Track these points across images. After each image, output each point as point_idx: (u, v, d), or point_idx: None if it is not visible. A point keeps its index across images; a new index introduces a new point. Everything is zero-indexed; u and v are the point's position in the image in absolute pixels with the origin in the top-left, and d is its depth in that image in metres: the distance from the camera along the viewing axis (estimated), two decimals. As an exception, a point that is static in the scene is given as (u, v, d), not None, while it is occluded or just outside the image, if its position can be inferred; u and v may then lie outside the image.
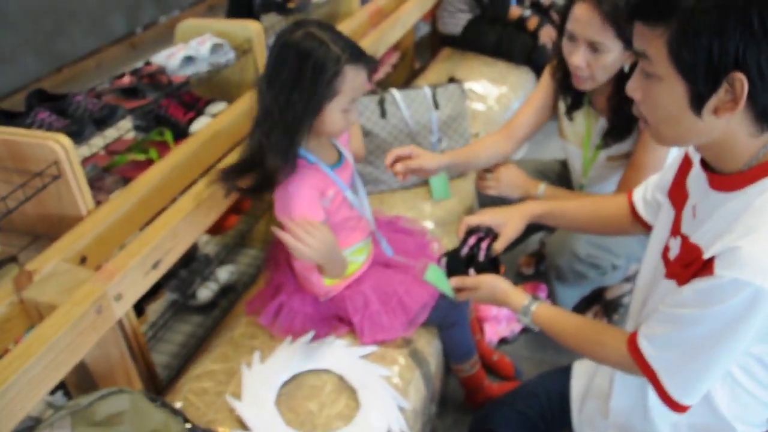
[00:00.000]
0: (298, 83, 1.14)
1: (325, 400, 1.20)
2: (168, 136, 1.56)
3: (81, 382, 1.16)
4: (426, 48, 3.27)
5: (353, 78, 1.17)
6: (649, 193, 1.15)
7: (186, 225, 1.23)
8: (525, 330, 1.85)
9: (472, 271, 1.20)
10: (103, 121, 1.30)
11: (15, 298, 1.03)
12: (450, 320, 1.43)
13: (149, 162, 1.52)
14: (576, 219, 1.31)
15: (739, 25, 0.71)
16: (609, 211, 1.26)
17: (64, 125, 1.26)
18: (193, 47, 1.60)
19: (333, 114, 1.19)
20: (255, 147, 1.22)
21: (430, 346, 1.40)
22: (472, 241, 1.23)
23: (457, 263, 1.22)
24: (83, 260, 1.16)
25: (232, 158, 1.45)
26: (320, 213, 1.23)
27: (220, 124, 1.51)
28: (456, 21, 2.78)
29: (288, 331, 1.33)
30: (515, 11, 2.71)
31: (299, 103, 1.15)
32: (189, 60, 1.59)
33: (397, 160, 1.50)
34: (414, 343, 1.37)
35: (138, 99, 1.41)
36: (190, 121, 1.65)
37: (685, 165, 1.00)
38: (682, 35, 0.74)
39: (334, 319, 1.37)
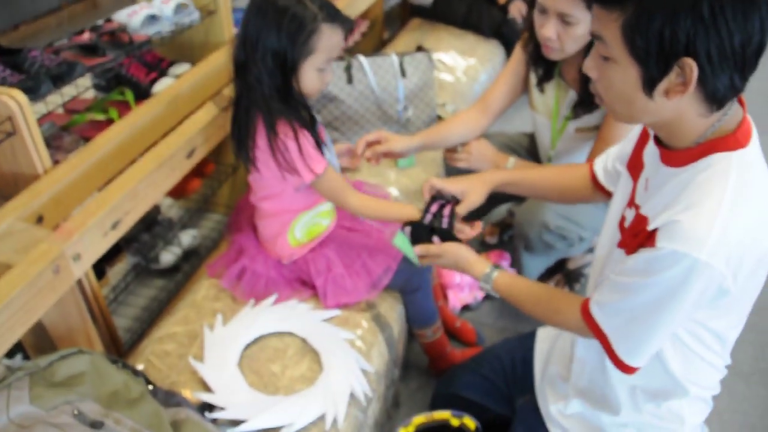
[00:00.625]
0: (275, 40, 1.13)
1: (287, 363, 1.21)
2: (129, 96, 1.52)
3: (40, 344, 1.14)
4: (395, 18, 3.24)
5: (329, 37, 1.17)
6: (609, 162, 1.18)
7: (146, 186, 1.22)
8: (488, 297, 1.89)
9: (436, 238, 1.22)
10: (60, 78, 1.25)
11: (-34, 259, 1.00)
12: (413, 285, 1.45)
13: (109, 122, 1.48)
14: (539, 187, 1.34)
15: (690, 13, 0.73)
16: (571, 179, 1.29)
17: (18, 80, 1.21)
18: (157, 6, 1.56)
19: (309, 72, 1.19)
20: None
21: (393, 311, 1.42)
22: (434, 208, 1.25)
23: (420, 231, 1.24)
24: (39, 219, 1.13)
25: (195, 119, 1.42)
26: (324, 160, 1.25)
27: (183, 86, 1.48)
28: (426, -9, 2.76)
29: (250, 294, 1.33)
30: (485, -17, 2.70)
31: (276, 65, 1.16)
32: (152, 19, 1.54)
33: (368, 145, 1.50)
34: (377, 308, 1.39)
35: (98, 57, 1.37)
36: (152, 81, 1.61)
37: (644, 137, 1.03)
38: (636, 20, 0.77)
39: (297, 282, 1.38)
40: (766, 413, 1.64)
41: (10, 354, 1.27)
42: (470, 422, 1.34)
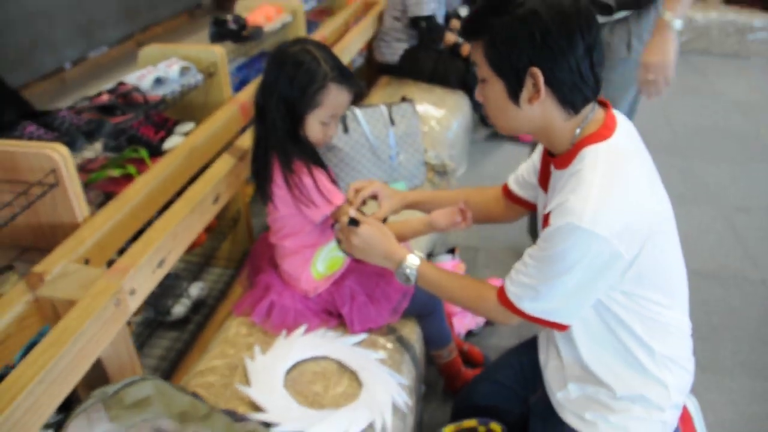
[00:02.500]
0: (288, 89, 1.27)
1: (328, 383, 1.27)
2: (143, 153, 1.61)
3: (93, 378, 1.17)
4: (361, 78, 3.46)
5: (336, 95, 1.31)
6: (520, 175, 1.35)
7: (183, 228, 1.29)
8: (488, 323, 1.99)
9: None
10: (91, 134, 1.34)
11: (30, 297, 1.05)
12: (428, 309, 1.55)
13: (126, 177, 1.56)
14: (455, 203, 1.39)
15: (526, 40, 0.95)
16: (486, 196, 1.43)
17: (54, 137, 1.29)
18: (162, 69, 1.68)
19: (313, 124, 1.33)
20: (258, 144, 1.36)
21: (413, 333, 1.50)
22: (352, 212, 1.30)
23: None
24: (86, 263, 1.19)
25: (216, 168, 1.52)
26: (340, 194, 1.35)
27: (196, 141, 1.58)
28: (393, 50, 2.98)
29: (281, 326, 1.40)
30: (450, 37, 2.94)
31: (288, 112, 1.30)
32: (158, 82, 1.66)
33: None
34: (399, 331, 1.47)
35: (119, 116, 1.46)
36: (162, 140, 1.71)
37: (546, 156, 1.21)
38: (491, 46, 1.00)
39: (323, 313, 1.45)
40: (754, 399, 1.78)
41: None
42: (497, 427, 1.41)
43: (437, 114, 2.72)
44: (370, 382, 1.26)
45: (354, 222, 1.23)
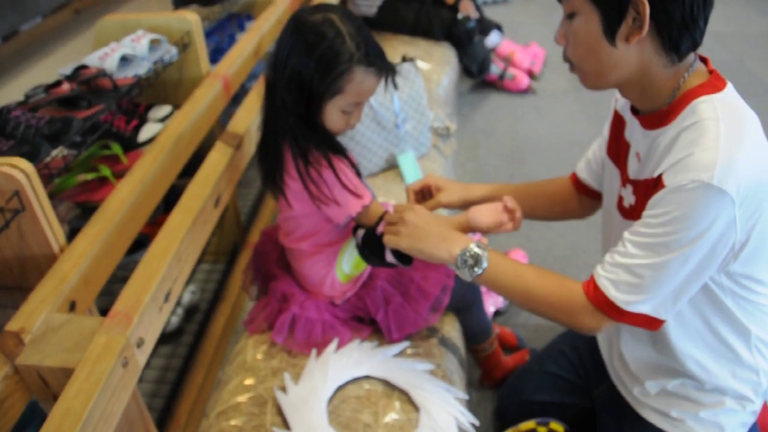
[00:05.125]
0: (304, 68, 1.02)
1: (377, 409, 1.09)
2: (117, 149, 1.34)
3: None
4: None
5: (361, 81, 1.04)
6: (591, 159, 1.19)
7: (187, 246, 1.06)
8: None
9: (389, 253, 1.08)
10: (55, 137, 1.08)
11: (9, 370, 0.82)
12: (467, 301, 1.37)
13: (102, 180, 1.30)
14: (524, 197, 1.22)
15: None
16: (553, 189, 1.26)
17: (9, 147, 1.03)
18: (128, 45, 1.40)
19: (331, 112, 1.08)
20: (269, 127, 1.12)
21: (454, 331, 1.33)
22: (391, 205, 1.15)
23: (371, 238, 1.10)
24: (72, 306, 0.96)
25: (212, 164, 1.28)
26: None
27: (180, 128, 1.32)
28: (370, 2, 2.69)
29: (308, 344, 1.20)
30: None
31: (301, 94, 1.04)
32: (124, 60, 1.38)
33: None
34: (440, 332, 1.30)
35: (85, 108, 1.20)
36: (135, 129, 1.44)
37: (618, 122, 1.06)
38: None
39: (353, 321, 1.26)
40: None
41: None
42: (558, 427, 1.29)
43: (426, 68, 2.48)
44: (426, 403, 1.08)
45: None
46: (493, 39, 3.18)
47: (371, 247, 1.10)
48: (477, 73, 2.96)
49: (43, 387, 0.84)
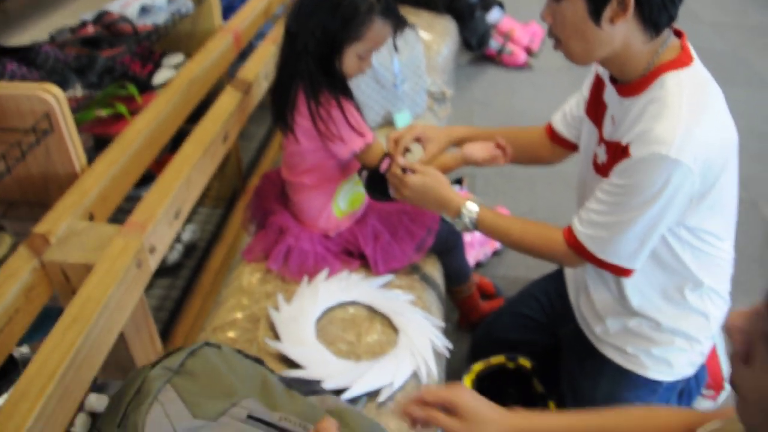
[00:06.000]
0: (330, 18, 1.16)
1: (360, 330, 1.22)
2: (132, 89, 1.45)
3: (113, 357, 1.08)
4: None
5: (379, 30, 1.20)
6: (567, 113, 1.29)
7: (196, 173, 1.18)
8: (495, 253, 1.96)
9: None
10: (82, 71, 1.19)
11: (36, 263, 0.94)
12: (449, 244, 1.49)
13: (116, 117, 1.42)
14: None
15: None
16: (529, 137, 1.37)
17: (40, 76, 1.14)
18: (147, -5, 1.50)
19: (351, 57, 1.22)
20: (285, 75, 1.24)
21: (435, 270, 1.46)
22: (401, 160, 1.23)
23: (375, 178, 1.27)
24: (91, 218, 1.08)
25: (223, 104, 1.40)
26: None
27: (192, 73, 1.43)
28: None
29: (301, 272, 1.33)
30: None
31: (326, 40, 1.19)
32: (144, 10, 1.48)
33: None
34: (422, 269, 1.42)
35: (103, 49, 1.31)
36: (150, 73, 1.55)
37: (598, 84, 1.16)
38: None
39: (343, 254, 1.38)
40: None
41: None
42: (526, 362, 1.41)
43: (427, 38, 2.57)
44: (406, 326, 1.21)
45: (405, 171, 1.16)
46: (494, 15, 3.26)
47: (376, 184, 1.22)
48: (476, 46, 3.05)
49: (64, 282, 0.96)
